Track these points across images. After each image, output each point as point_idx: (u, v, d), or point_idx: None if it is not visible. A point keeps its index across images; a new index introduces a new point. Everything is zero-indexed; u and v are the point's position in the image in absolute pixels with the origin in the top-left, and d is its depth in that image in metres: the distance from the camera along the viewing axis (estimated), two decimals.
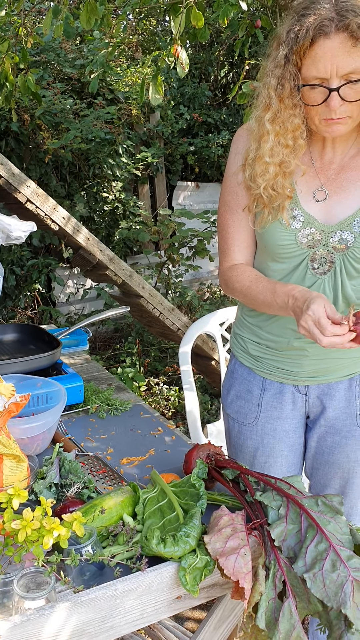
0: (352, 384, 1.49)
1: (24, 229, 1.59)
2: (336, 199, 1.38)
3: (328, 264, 1.39)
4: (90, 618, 1.02)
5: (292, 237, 1.39)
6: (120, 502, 1.20)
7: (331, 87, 1.23)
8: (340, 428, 1.51)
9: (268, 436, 1.56)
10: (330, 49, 1.20)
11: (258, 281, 1.42)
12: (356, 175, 1.38)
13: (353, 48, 1.19)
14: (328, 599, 1.02)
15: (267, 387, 1.55)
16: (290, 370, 1.50)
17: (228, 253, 1.51)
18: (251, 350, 1.56)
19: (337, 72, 1.21)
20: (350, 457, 1.52)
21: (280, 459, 1.58)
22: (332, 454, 1.53)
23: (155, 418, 1.73)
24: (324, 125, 1.30)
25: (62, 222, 2.81)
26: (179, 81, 5.80)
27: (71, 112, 4.69)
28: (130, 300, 3.24)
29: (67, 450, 1.46)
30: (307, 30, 1.21)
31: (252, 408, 1.57)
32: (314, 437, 1.55)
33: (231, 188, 1.48)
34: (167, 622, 1.93)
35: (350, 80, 1.22)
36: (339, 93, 1.23)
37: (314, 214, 1.39)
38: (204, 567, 1.08)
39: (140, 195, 5.49)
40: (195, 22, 2.54)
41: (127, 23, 5.23)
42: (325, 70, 1.22)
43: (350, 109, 1.27)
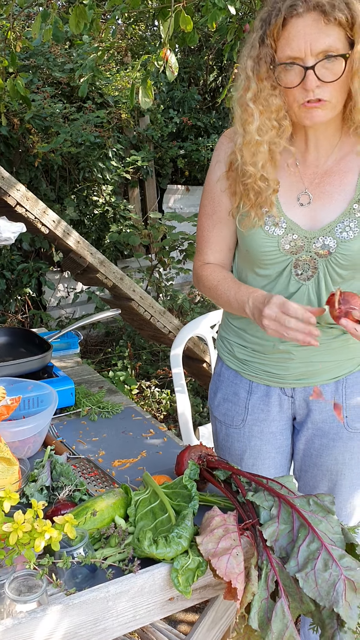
0: (338, 386, 1.49)
1: (13, 230, 1.59)
2: (320, 204, 1.38)
3: (311, 269, 1.39)
4: (83, 621, 1.01)
5: (275, 244, 1.39)
6: (112, 504, 1.20)
7: (306, 65, 1.23)
8: (327, 431, 1.51)
9: (255, 438, 1.57)
10: (303, 28, 1.21)
11: (225, 280, 1.46)
12: (339, 179, 1.37)
13: (325, 26, 1.20)
14: (320, 598, 1.02)
15: (253, 390, 1.55)
16: (276, 373, 1.51)
17: (201, 253, 1.56)
18: (237, 353, 1.57)
19: (311, 50, 1.21)
20: (338, 459, 1.52)
21: (267, 461, 1.58)
22: (320, 457, 1.53)
23: (146, 420, 1.73)
24: (303, 112, 1.28)
25: (52, 225, 2.81)
26: (168, 85, 5.81)
27: (61, 116, 4.69)
28: (121, 304, 3.24)
29: (59, 453, 1.46)
30: (279, 10, 1.23)
31: (239, 410, 1.57)
32: (302, 440, 1.55)
33: (209, 193, 1.50)
34: (160, 624, 1.92)
35: (325, 56, 1.22)
36: (314, 71, 1.22)
37: (297, 220, 1.39)
38: (196, 568, 1.08)
39: (130, 198, 5.49)
40: (184, 26, 2.55)
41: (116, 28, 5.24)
42: (299, 49, 1.22)
43: (328, 91, 1.25)
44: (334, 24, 1.20)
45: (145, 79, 2.72)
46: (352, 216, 1.35)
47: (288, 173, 1.41)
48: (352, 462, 1.52)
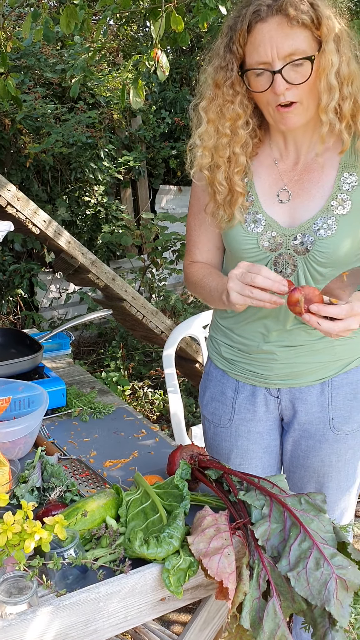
0: (324, 388, 1.48)
1: (0, 228, 1.58)
2: (299, 201, 1.38)
3: (291, 267, 1.39)
4: (73, 622, 1.01)
5: (254, 241, 1.40)
6: (103, 504, 1.20)
7: (274, 69, 1.23)
8: (314, 432, 1.51)
9: (242, 438, 1.56)
10: (268, 32, 1.22)
11: (210, 275, 1.48)
12: (318, 176, 1.37)
13: (290, 29, 1.21)
14: (312, 597, 1.02)
15: (240, 390, 1.55)
16: (261, 374, 1.50)
17: (189, 252, 1.58)
18: (224, 352, 1.57)
19: (278, 54, 1.22)
20: (324, 461, 1.51)
21: (254, 461, 1.58)
22: (307, 458, 1.53)
23: (138, 420, 1.72)
24: (278, 116, 1.30)
25: (43, 225, 2.80)
26: (160, 86, 5.81)
27: (52, 116, 4.67)
28: (113, 304, 3.23)
29: (50, 453, 1.45)
30: (243, 17, 1.24)
31: (226, 410, 1.57)
32: (290, 441, 1.55)
33: (195, 193, 1.52)
34: (152, 625, 1.92)
35: (292, 60, 1.23)
36: (282, 75, 1.23)
37: (276, 217, 1.39)
38: (187, 568, 1.07)
39: (122, 199, 5.48)
40: (175, 26, 2.54)
41: (108, 28, 5.24)
42: (265, 53, 1.23)
43: (298, 93, 1.26)
44: (299, 26, 1.21)
45: (137, 79, 2.72)
46: (329, 213, 1.35)
47: (267, 170, 1.42)
48: (339, 464, 1.52)
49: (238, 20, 1.25)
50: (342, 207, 1.35)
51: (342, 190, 1.35)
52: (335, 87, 1.26)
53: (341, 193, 1.35)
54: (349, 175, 1.35)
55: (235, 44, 1.27)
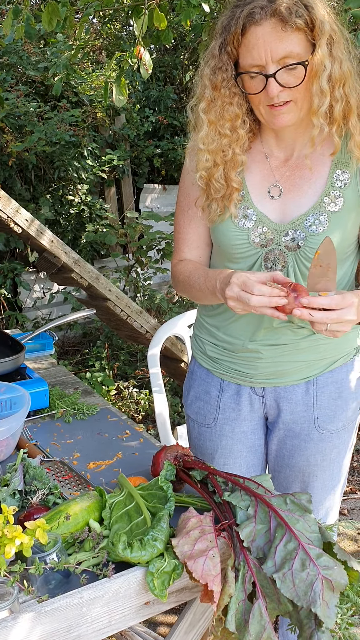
0: (309, 387, 1.48)
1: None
2: (290, 197, 1.38)
3: (281, 263, 1.38)
4: (56, 628, 0.99)
5: (245, 237, 1.39)
6: (86, 507, 1.18)
7: (267, 73, 1.23)
8: (299, 432, 1.50)
9: (226, 437, 1.55)
10: (262, 35, 1.21)
11: (196, 270, 1.46)
12: (310, 173, 1.37)
13: (284, 32, 1.20)
14: (298, 598, 1.01)
15: (224, 389, 1.54)
16: (246, 372, 1.49)
17: (178, 250, 1.55)
18: (209, 351, 1.56)
19: (272, 57, 1.22)
20: (309, 460, 1.51)
21: (239, 460, 1.57)
22: (292, 457, 1.52)
23: (122, 421, 1.70)
24: (270, 116, 1.30)
25: (25, 224, 2.77)
26: (144, 84, 5.79)
27: (35, 114, 4.63)
28: (97, 304, 3.20)
29: (32, 456, 1.43)
30: (237, 18, 1.23)
31: (211, 409, 1.56)
32: (274, 440, 1.54)
33: (183, 189, 1.51)
34: (138, 628, 1.90)
35: (285, 65, 1.22)
36: (276, 79, 1.23)
37: (267, 213, 1.39)
38: (172, 571, 1.06)
39: (106, 198, 5.45)
40: (157, 23, 2.53)
41: (91, 27, 5.20)
42: (259, 57, 1.23)
43: (291, 94, 1.26)
44: (293, 30, 1.20)
45: (119, 77, 2.70)
46: (322, 209, 1.35)
47: (258, 165, 1.41)
48: (324, 463, 1.51)
49: (232, 22, 1.24)
50: (334, 203, 1.35)
51: (334, 187, 1.35)
52: (326, 91, 1.26)
53: (334, 190, 1.35)
54: (341, 173, 1.35)
55: (229, 45, 1.27)
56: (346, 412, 1.50)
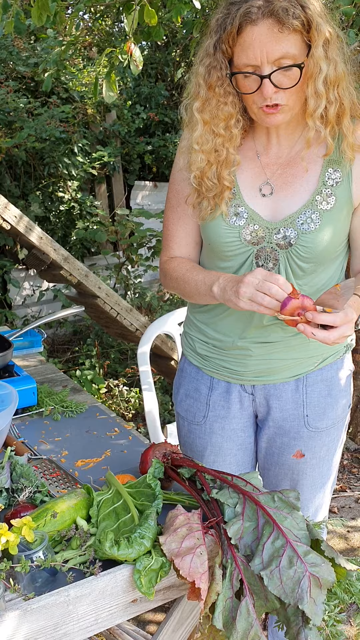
0: (299, 385, 1.48)
1: None
2: (282, 195, 1.37)
3: (272, 261, 1.38)
4: (42, 626, 0.98)
5: (236, 234, 1.38)
6: (73, 505, 1.17)
7: (263, 74, 1.22)
8: (288, 429, 1.50)
9: (216, 435, 1.55)
10: (258, 36, 1.20)
11: (194, 268, 1.46)
12: (302, 171, 1.37)
13: (280, 33, 1.19)
14: (285, 595, 1.01)
15: (214, 386, 1.54)
16: (235, 370, 1.49)
17: (167, 248, 1.54)
18: (199, 349, 1.55)
19: (267, 58, 1.21)
20: (299, 458, 1.51)
21: (229, 458, 1.57)
22: (282, 455, 1.52)
23: (111, 419, 1.70)
24: (262, 115, 1.29)
25: (13, 220, 2.75)
26: (135, 80, 5.77)
27: (25, 110, 4.60)
28: (86, 301, 3.19)
29: (19, 454, 1.42)
30: (233, 17, 1.21)
31: (201, 407, 1.56)
32: (264, 438, 1.54)
33: (173, 186, 1.50)
34: (127, 626, 1.90)
35: (281, 66, 1.22)
36: (270, 80, 1.22)
37: (259, 210, 1.38)
38: (159, 569, 1.05)
39: (97, 195, 5.43)
40: (148, 20, 2.51)
41: (82, 22, 5.17)
42: (255, 57, 1.21)
43: (285, 96, 1.26)
44: (290, 31, 1.19)
45: (110, 73, 2.69)
46: (314, 208, 1.35)
47: (250, 163, 1.40)
48: (313, 461, 1.51)
49: (227, 20, 1.23)
50: (326, 202, 1.35)
51: (326, 186, 1.35)
52: (322, 94, 1.25)
53: (325, 188, 1.35)
54: (333, 171, 1.35)
55: (224, 44, 1.25)
56: (336, 410, 1.50)
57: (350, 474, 3.20)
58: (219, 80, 1.29)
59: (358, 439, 3.41)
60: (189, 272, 1.45)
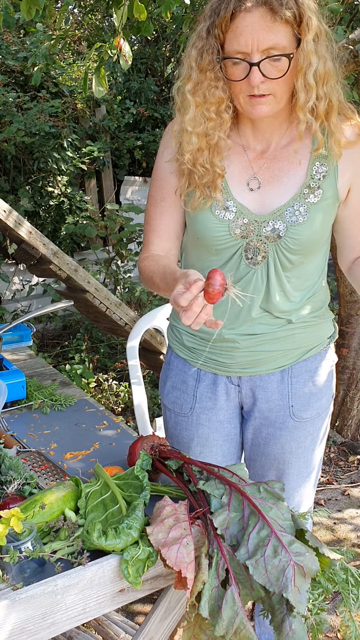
0: (284, 376, 1.50)
1: None
2: (269, 189, 1.39)
3: (262, 254, 1.39)
4: (30, 615, 1.00)
5: (226, 228, 1.39)
6: (62, 496, 1.18)
7: (252, 61, 1.24)
8: (274, 420, 1.52)
9: (203, 426, 1.57)
10: (251, 23, 1.21)
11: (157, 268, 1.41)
12: (288, 165, 1.39)
13: (273, 23, 1.21)
14: (270, 584, 1.02)
15: (201, 378, 1.55)
16: (222, 362, 1.51)
17: (147, 245, 1.52)
18: (185, 341, 1.56)
19: (258, 46, 1.22)
20: (285, 448, 1.53)
21: (215, 449, 1.58)
22: (268, 446, 1.54)
23: (100, 412, 1.71)
24: (248, 105, 1.30)
25: (2, 215, 2.74)
26: (125, 76, 5.75)
27: (14, 105, 4.58)
28: (76, 296, 3.19)
29: (8, 446, 1.43)
30: (228, 3, 1.22)
31: (188, 399, 1.57)
32: (250, 429, 1.56)
33: (157, 181, 1.49)
34: (115, 617, 1.91)
35: (270, 55, 1.23)
36: (259, 68, 1.24)
37: (247, 204, 1.40)
38: (146, 559, 1.07)
39: (87, 190, 5.42)
40: (137, 14, 2.51)
41: (72, 17, 5.15)
42: (246, 44, 1.23)
43: (272, 86, 1.27)
44: (282, 22, 1.21)
45: (99, 67, 2.68)
46: (302, 200, 1.37)
47: (237, 157, 1.42)
48: (298, 451, 1.54)
49: (222, 5, 1.24)
50: (313, 195, 1.37)
51: (314, 179, 1.37)
52: (312, 87, 1.27)
53: (313, 182, 1.37)
54: (320, 165, 1.37)
55: (217, 29, 1.27)
56: (320, 401, 1.53)
57: (336, 466, 3.23)
58: (210, 64, 1.30)
59: (345, 432, 3.44)
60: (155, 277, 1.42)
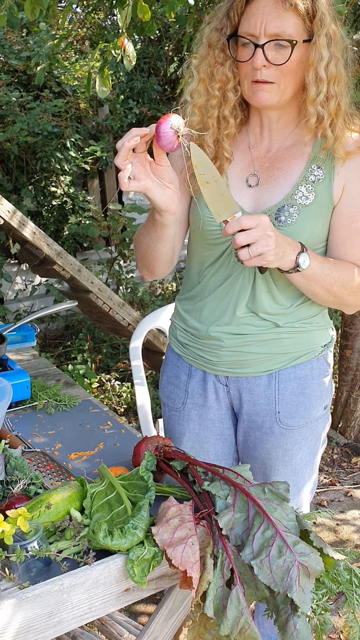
0: (271, 381, 1.49)
1: None
2: (266, 187, 1.41)
3: None
4: (37, 614, 1.00)
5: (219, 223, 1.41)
6: (67, 496, 1.19)
7: (258, 43, 1.27)
8: (260, 424, 1.52)
9: (194, 422, 1.59)
10: (263, 7, 1.26)
11: None
12: (287, 165, 1.40)
13: (284, 11, 1.25)
14: (275, 584, 1.03)
15: (192, 374, 1.58)
16: (209, 360, 1.52)
17: None
18: (179, 336, 1.59)
19: (265, 30, 1.26)
20: (271, 454, 1.53)
21: (207, 446, 1.60)
22: (255, 449, 1.55)
23: (104, 413, 1.72)
24: (251, 91, 1.33)
25: (6, 215, 2.75)
26: (127, 75, 5.76)
27: (17, 104, 4.59)
28: (79, 296, 3.20)
29: (13, 446, 1.43)
30: None
31: (180, 393, 1.60)
32: (241, 431, 1.57)
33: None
34: (119, 617, 1.92)
35: (275, 39, 1.26)
36: (263, 51, 1.27)
37: (243, 201, 1.41)
38: (152, 559, 1.08)
39: (89, 190, 5.43)
40: (141, 15, 2.52)
41: (75, 16, 5.16)
42: (255, 26, 1.27)
43: (276, 74, 1.30)
44: (293, 11, 1.25)
45: (103, 68, 2.69)
46: (293, 202, 1.37)
47: (241, 155, 1.44)
48: (285, 458, 1.53)
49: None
50: (305, 197, 1.37)
51: (307, 181, 1.37)
52: (324, 80, 1.29)
53: (307, 184, 1.37)
54: (316, 168, 1.38)
55: (233, 10, 1.32)
56: (309, 410, 1.51)
57: (339, 468, 3.24)
58: (219, 42, 1.35)
59: (348, 433, 3.45)
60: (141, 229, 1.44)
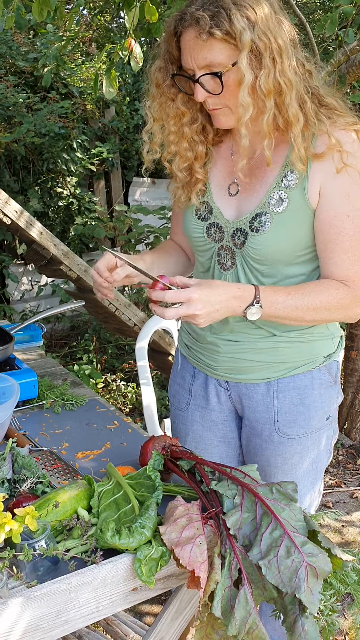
0: (269, 389, 1.48)
1: None
2: (244, 195, 1.40)
3: (230, 260, 1.42)
4: (44, 613, 1.00)
5: (202, 230, 1.45)
6: (74, 495, 1.19)
7: (194, 78, 1.27)
8: (260, 431, 1.51)
9: (197, 423, 1.60)
10: (188, 42, 1.25)
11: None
12: (263, 172, 1.37)
13: (205, 42, 1.22)
14: (283, 584, 1.03)
15: (196, 376, 1.60)
16: (209, 363, 1.54)
17: (170, 234, 1.68)
18: (184, 338, 1.63)
19: (196, 63, 1.25)
20: (270, 462, 1.52)
21: (210, 448, 1.60)
22: (256, 455, 1.55)
23: (111, 412, 1.72)
24: (211, 116, 1.35)
25: (14, 215, 2.76)
26: (134, 77, 5.76)
27: (24, 105, 4.61)
28: (85, 296, 3.20)
29: (21, 445, 1.43)
30: (172, 23, 1.27)
31: (184, 394, 1.62)
32: (244, 436, 1.58)
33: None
34: (125, 617, 1.92)
35: (208, 72, 1.25)
36: (200, 84, 1.27)
37: (223, 209, 1.42)
38: (159, 558, 1.07)
39: (95, 191, 5.44)
40: (149, 16, 2.52)
41: (81, 18, 5.17)
42: (187, 61, 1.27)
43: (222, 101, 1.29)
44: (214, 39, 1.21)
45: (110, 69, 2.70)
46: (266, 209, 1.35)
47: (224, 162, 1.45)
48: (284, 467, 1.51)
49: (172, 25, 1.28)
50: (278, 204, 1.34)
51: (280, 188, 1.34)
52: (247, 103, 1.25)
53: (279, 190, 1.34)
54: (290, 173, 1.33)
55: (168, 44, 1.31)
56: (309, 420, 1.48)
57: (345, 469, 3.23)
58: (164, 80, 1.34)
59: (353, 435, 3.44)
60: None
